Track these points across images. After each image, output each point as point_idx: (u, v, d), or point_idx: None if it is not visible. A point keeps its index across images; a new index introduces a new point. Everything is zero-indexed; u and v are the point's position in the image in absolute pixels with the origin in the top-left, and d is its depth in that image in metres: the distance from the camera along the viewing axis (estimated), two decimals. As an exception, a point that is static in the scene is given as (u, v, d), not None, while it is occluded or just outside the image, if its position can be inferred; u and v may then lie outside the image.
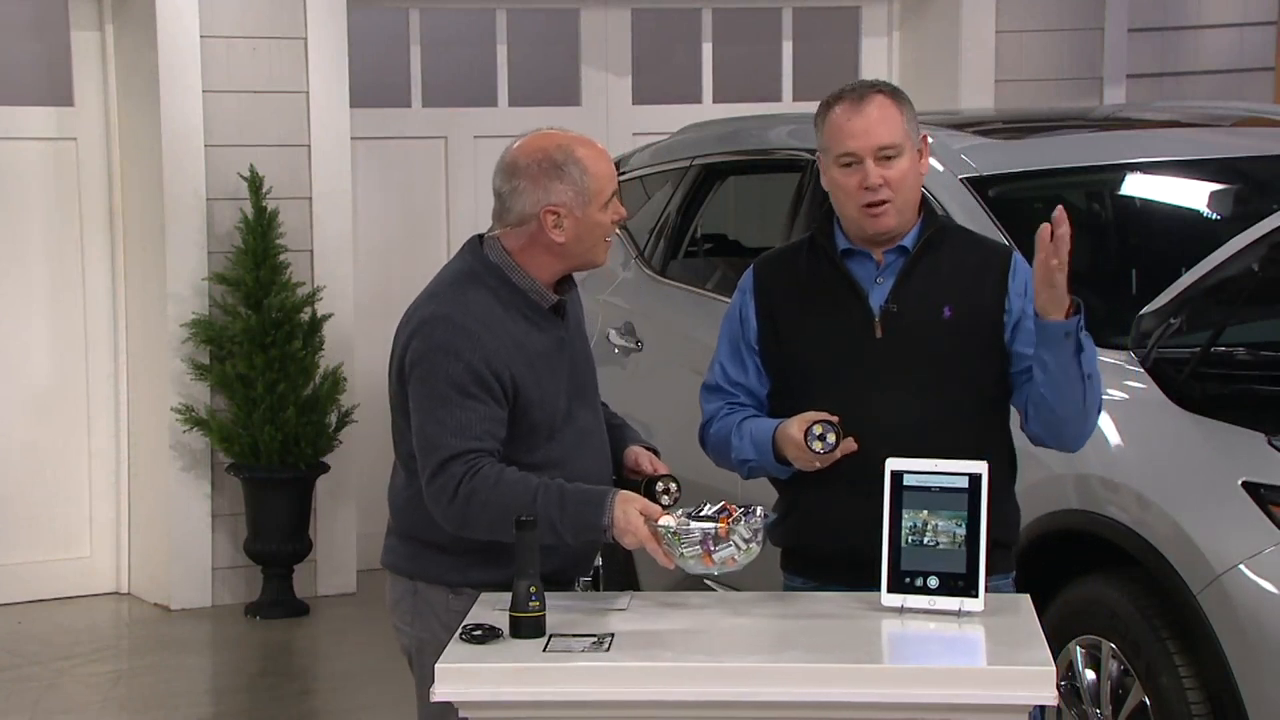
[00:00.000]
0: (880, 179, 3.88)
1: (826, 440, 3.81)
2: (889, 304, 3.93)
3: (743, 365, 4.06)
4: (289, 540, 7.66)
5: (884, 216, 3.90)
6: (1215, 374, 4.75)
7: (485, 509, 3.77)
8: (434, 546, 3.95)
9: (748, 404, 4.05)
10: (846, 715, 3.40)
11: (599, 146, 3.99)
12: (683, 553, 3.70)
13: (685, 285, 6.38)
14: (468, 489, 3.78)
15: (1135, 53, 8.93)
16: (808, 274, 4.01)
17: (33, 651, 7.25)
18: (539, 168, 3.90)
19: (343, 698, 6.65)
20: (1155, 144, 5.83)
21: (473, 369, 3.82)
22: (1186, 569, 4.40)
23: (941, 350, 3.89)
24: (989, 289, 3.92)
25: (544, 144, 3.94)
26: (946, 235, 4.02)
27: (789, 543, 4.02)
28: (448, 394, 3.82)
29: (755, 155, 6.43)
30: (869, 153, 3.87)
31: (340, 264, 7.95)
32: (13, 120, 7.84)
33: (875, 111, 3.89)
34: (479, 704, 3.45)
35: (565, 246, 3.93)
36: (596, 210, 3.92)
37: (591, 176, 3.91)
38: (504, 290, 3.93)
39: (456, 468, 3.79)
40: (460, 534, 3.86)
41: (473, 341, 3.84)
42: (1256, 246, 4.43)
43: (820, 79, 8.86)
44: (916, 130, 3.93)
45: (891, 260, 3.95)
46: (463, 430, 3.81)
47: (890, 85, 3.98)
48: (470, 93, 8.55)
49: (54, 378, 7.97)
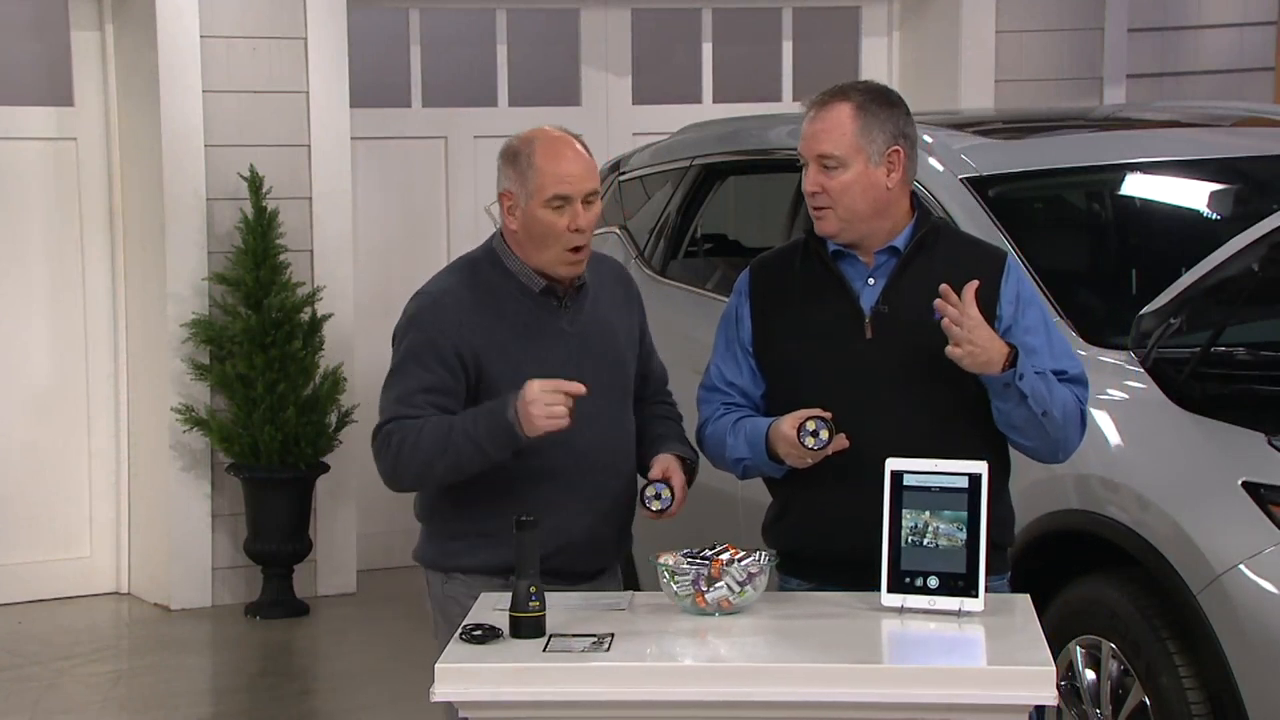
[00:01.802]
0: (817, 185, 3.90)
1: (820, 436, 3.81)
2: (880, 305, 3.93)
3: (737, 366, 4.06)
4: (289, 540, 7.66)
5: (823, 221, 3.92)
6: (1215, 374, 4.74)
7: (414, 453, 3.94)
8: (435, 535, 4.13)
9: (743, 405, 4.05)
10: (846, 715, 3.40)
11: (568, 148, 4.01)
12: (677, 592, 3.70)
13: (685, 285, 6.38)
14: (397, 440, 3.96)
15: (1135, 53, 8.93)
16: (801, 275, 4.02)
17: (33, 651, 7.25)
18: (507, 151, 4.06)
19: (343, 698, 6.65)
20: (1155, 144, 5.83)
21: (431, 341, 3.98)
22: (1186, 569, 4.40)
23: (932, 352, 3.87)
24: (981, 292, 3.89)
25: (528, 133, 4.06)
26: (941, 237, 4.01)
27: (784, 545, 4.00)
28: (404, 362, 4.02)
29: (755, 155, 6.43)
30: (810, 158, 3.92)
31: (340, 264, 7.95)
32: (13, 120, 7.84)
33: (829, 119, 3.90)
34: (479, 704, 3.45)
35: (518, 236, 4.04)
36: (538, 206, 3.97)
37: (536, 171, 3.97)
38: (496, 273, 4.06)
39: (390, 428, 3.98)
40: (402, 488, 4.05)
41: (440, 315, 4.00)
42: (1256, 246, 4.43)
43: (820, 79, 8.77)
44: (886, 144, 3.89)
45: (883, 261, 3.95)
46: (405, 398, 3.99)
47: (871, 92, 3.95)
48: (470, 93, 8.55)
49: (54, 378, 7.97)
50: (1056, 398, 3.85)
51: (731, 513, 5.68)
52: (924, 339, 3.87)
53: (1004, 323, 3.90)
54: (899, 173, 3.93)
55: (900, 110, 3.96)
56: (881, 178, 3.90)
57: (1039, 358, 3.88)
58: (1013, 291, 3.93)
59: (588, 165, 4.03)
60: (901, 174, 3.93)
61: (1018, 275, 3.96)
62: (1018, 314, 3.91)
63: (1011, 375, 3.78)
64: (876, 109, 3.91)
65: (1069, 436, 3.92)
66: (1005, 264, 3.97)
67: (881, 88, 4.01)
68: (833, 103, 3.92)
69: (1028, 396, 3.80)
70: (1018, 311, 3.91)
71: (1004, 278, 3.93)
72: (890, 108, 3.94)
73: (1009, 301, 3.92)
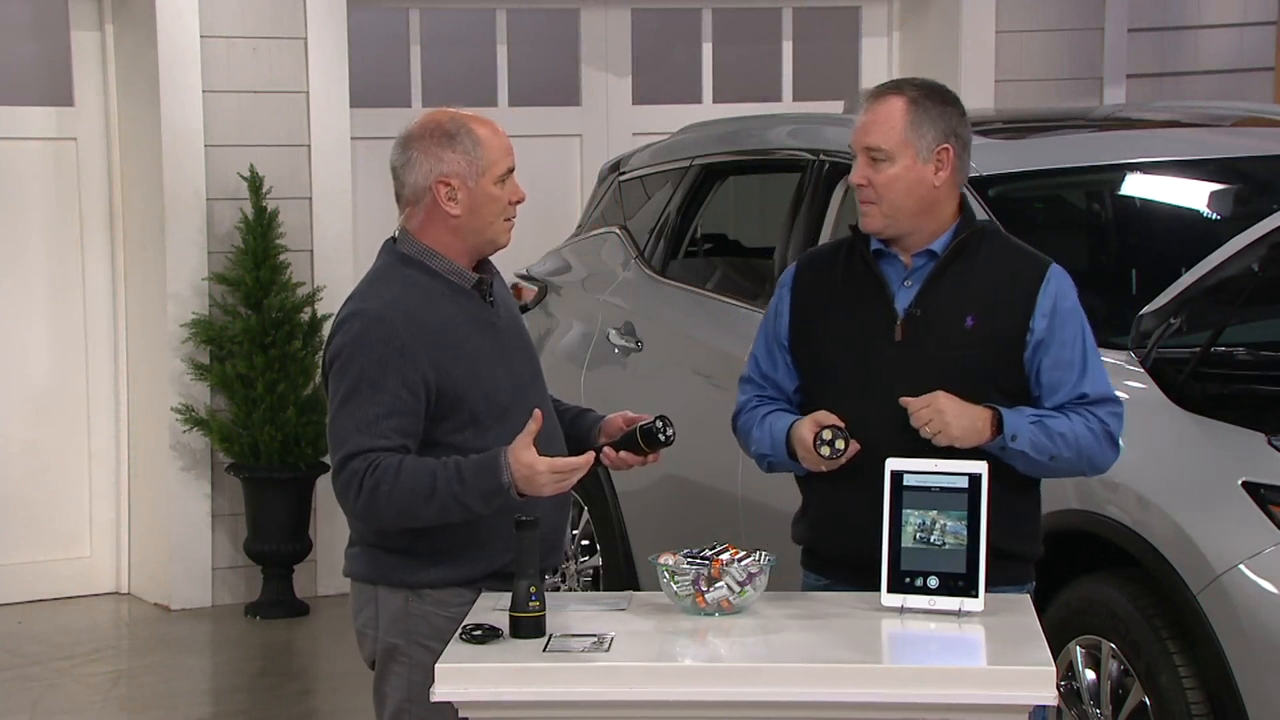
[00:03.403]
0: (864, 178, 3.90)
1: (835, 446, 3.81)
2: (913, 308, 3.90)
3: (773, 361, 4.06)
4: (289, 540, 7.66)
5: (868, 216, 3.91)
6: (1215, 374, 4.74)
7: (391, 498, 3.76)
8: (393, 551, 3.93)
9: (776, 398, 4.05)
10: (846, 715, 3.40)
11: (493, 123, 3.97)
12: (677, 592, 3.70)
13: (685, 285, 6.37)
14: (371, 482, 3.76)
15: (1135, 53, 8.92)
16: (843, 273, 4.00)
17: (33, 651, 7.25)
18: (431, 138, 3.90)
19: (343, 698, 6.65)
20: (1155, 144, 5.83)
21: (385, 361, 3.80)
22: (1186, 569, 4.40)
23: (959, 359, 3.86)
24: (1017, 302, 3.88)
25: (437, 117, 3.95)
26: (984, 241, 3.97)
27: (806, 541, 4.03)
28: (358, 387, 3.81)
29: (755, 155, 6.43)
30: (859, 149, 3.91)
31: (340, 264, 7.94)
32: (13, 120, 7.84)
33: (881, 111, 3.90)
34: (479, 704, 3.45)
35: (461, 221, 3.91)
36: (490, 183, 3.90)
37: (484, 148, 3.90)
38: (422, 278, 3.92)
39: (358, 464, 3.78)
40: (372, 527, 3.87)
41: (388, 332, 3.82)
42: (1256, 246, 4.43)
43: (820, 79, 8.87)
44: (936, 138, 3.88)
45: (920, 264, 3.93)
46: (368, 426, 3.79)
47: (923, 88, 3.93)
48: (470, 93, 8.54)
49: (54, 378, 7.97)
50: (1064, 440, 3.83)
51: (732, 513, 5.69)
52: (953, 346, 3.86)
53: (1036, 335, 3.87)
54: (947, 172, 3.90)
55: (955, 110, 3.94)
56: (929, 175, 3.89)
57: (1069, 373, 3.86)
58: (1049, 303, 3.88)
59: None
60: (950, 173, 3.91)
61: (1058, 287, 3.91)
62: (1054, 327, 3.87)
63: (998, 444, 3.79)
64: (930, 105, 3.90)
65: (1094, 462, 3.91)
66: (1045, 274, 3.92)
67: (939, 86, 3.98)
68: (887, 96, 3.91)
69: (1027, 452, 3.80)
70: (1054, 324, 3.87)
71: (1042, 288, 3.89)
72: (945, 106, 3.92)
73: (1044, 314, 3.87)
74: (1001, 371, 3.89)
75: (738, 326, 5.86)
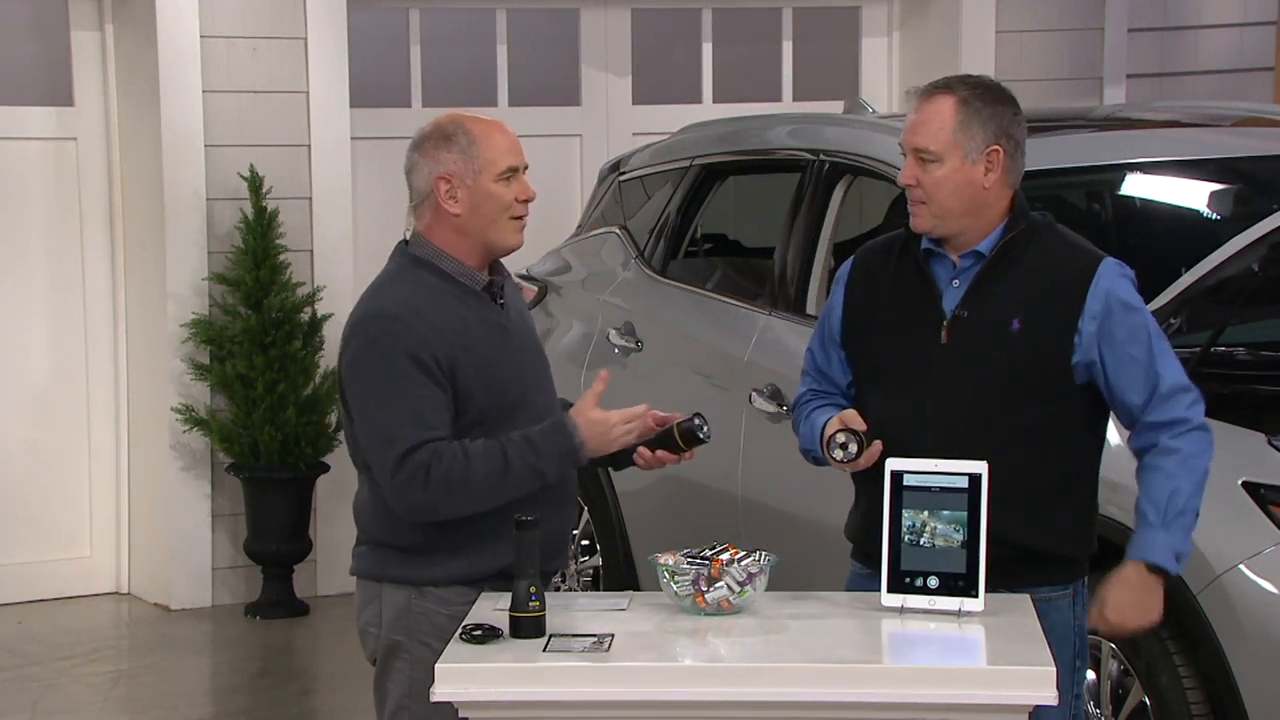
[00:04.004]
0: (912, 179, 3.85)
1: (848, 449, 3.80)
2: (960, 310, 3.85)
3: (826, 355, 4.05)
4: (289, 540, 7.65)
5: (918, 217, 3.86)
6: (1215, 374, 4.74)
7: (466, 486, 3.79)
8: (399, 548, 3.95)
9: (831, 392, 4.04)
10: (846, 715, 3.40)
11: (499, 124, 3.98)
12: (677, 592, 3.70)
13: (685, 285, 6.37)
14: (440, 473, 3.78)
15: (1135, 53, 8.92)
16: (896, 271, 3.96)
17: (33, 651, 7.25)
18: (430, 140, 3.95)
19: (343, 698, 6.65)
20: (1155, 144, 5.82)
21: (413, 355, 3.83)
22: (1186, 569, 4.39)
23: (1005, 363, 3.81)
24: (1065, 303, 3.82)
25: (441, 120, 3.98)
26: (1035, 239, 3.88)
27: (856, 534, 4.01)
28: (394, 385, 3.82)
29: (755, 155, 6.43)
30: (908, 149, 3.86)
31: (340, 264, 7.94)
32: (13, 120, 7.84)
33: (930, 111, 3.84)
34: (479, 704, 3.45)
35: (462, 220, 3.92)
36: (489, 181, 3.91)
37: (480, 146, 3.91)
38: (433, 278, 3.94)
39: (421, 456, 3.79)
40: (433, 519, 3.86)
41: (407, 329, 3.84)
42: (1256, 246, 4.44)
43: (820, 79, 8.87)
44: (986, 139, 3.82)
45: (968, 265, 3.87)
46: (417, 419, 3.81)
47: (976, 86, 3.87)
48: (470, 93, 8.54)
49: (54, 378, 7.97)
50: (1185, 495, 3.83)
51: (732, 513, 5.69)
52: (996, 348, 3.81)
53: (1085, 337, 3.80)
54: (997, 173, 3.84)
55: (1008, 109, 3.88)
56: (979, 176, 3.83)
57: (1135, 368, 3.81)
58: (1100, 300, 3.80)
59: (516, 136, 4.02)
60: (1000, 174, 3.84)
61: (1110, 281, 3.83)
62: (1110, 323, 3.79)
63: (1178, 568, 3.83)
64: (981, 105, 3.84)
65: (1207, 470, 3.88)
66: (1096, 270, 3.84)
67: (992, 84, 3.92)
68: (937, 95, 3.85)
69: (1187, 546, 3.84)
70: (1110, 320, 3.79)
71: (1091, 285, 3.81)
72: (997, 105, 3.86)
73: (1092, 316, 3.79)
74: (1048, 374, 3.83)
75: (738, 326, 5.87)
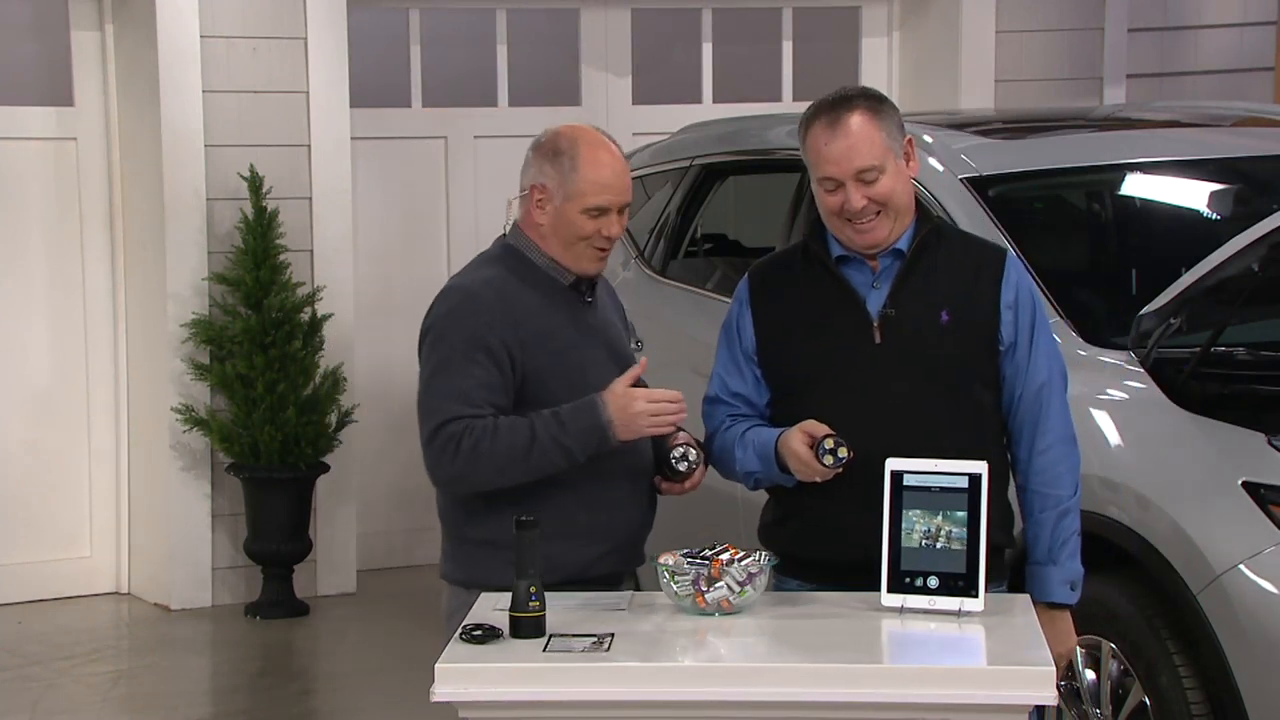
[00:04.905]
0: (863, 201, 3.85)
1: (838, 455, 3.79)
2: (887, 309, 3.90)
3: (741, 376, 4.03)
4: (289, 540, 7.66)
5: (874, 231, 3.88)
6: (1215, 374, 4.74)
7: (492, 457, 3.87)
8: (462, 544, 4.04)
9: (749, 414, 4.03)
10: (846, 715, 3.40)
11: (612, 159, 4.00)
12: (677, 592, 3.70)
13: (685, 285, 6.38)
14: (469, 444, 3.87)
15: (1135, 53, 8.93)
16: (804, 281, 3.98)
17: (33, 651, 7.25)
18: (545, 148, 4.02)
19: (343, 698, 6.65)
20: (1155, 144, 5.83)
21: (478, 335, 3.91)
22: (1186, 569, 4.40)
23: (940, 354, 3.87)
24: (985, 293, 3.90)
25: (568, 130, 4.05)
26: (942, 237, 3.99)
27: (784, 548, 3.96)
28: (451, 358, 3.92)
29: (755, 155, 6.44)
30: (848, 176, 3.84)
31: (340, 264, 7.95)
32: (13, 120, 7.84)
33: (854, 132, 3.83)
34: (479, 704, 3.45)
35: (544, 230, 4.02)
36: (575, 210, 3.97)
37: (579, 176, 3.97)
38: (521, 268, 4.03)
39: (453, 428, 3.88)
40: (461, 491, 3.95)
41: (481, 306, 3.94)
42: (1256, 246, 4.43)
43: (820, 79, 8.85)
44: (901, 136, 3.88)
45: (887, 264, 3.93)
46: (463, 396, 3.90)
47: (869, 95, 3.91)
48: (470, 93, 8.55)
49: (54, 378, 7.97)
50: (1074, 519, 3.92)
51: (732, 513, 5.68)
52: (929, 341, 3.87)
53: (1004, 322, 3.89)
54: (916, 162, 3.94)
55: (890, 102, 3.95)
56: (908, 171, 3.91)
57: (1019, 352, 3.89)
58: (1012, 291, 3.92)
59: (627, 176, 4.03)
60: (916, 164, 3.94)
61: (1018, 272, 3.95)
62: (1018, 314, 3.90)
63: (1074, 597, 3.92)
64: (880, 106, 3.89)
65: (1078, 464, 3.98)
66: (1005, 262, 3.96)
67: (867, 89, 3.97)
68: (846, 117, 3.84)
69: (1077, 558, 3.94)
70: (1018, 311, 3.91)
71: (1004, 276, 3.92)
72: (885, 102, 3.93)
73: (1008, 305, 3.90)
74: (980, 362, 3.90)
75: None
